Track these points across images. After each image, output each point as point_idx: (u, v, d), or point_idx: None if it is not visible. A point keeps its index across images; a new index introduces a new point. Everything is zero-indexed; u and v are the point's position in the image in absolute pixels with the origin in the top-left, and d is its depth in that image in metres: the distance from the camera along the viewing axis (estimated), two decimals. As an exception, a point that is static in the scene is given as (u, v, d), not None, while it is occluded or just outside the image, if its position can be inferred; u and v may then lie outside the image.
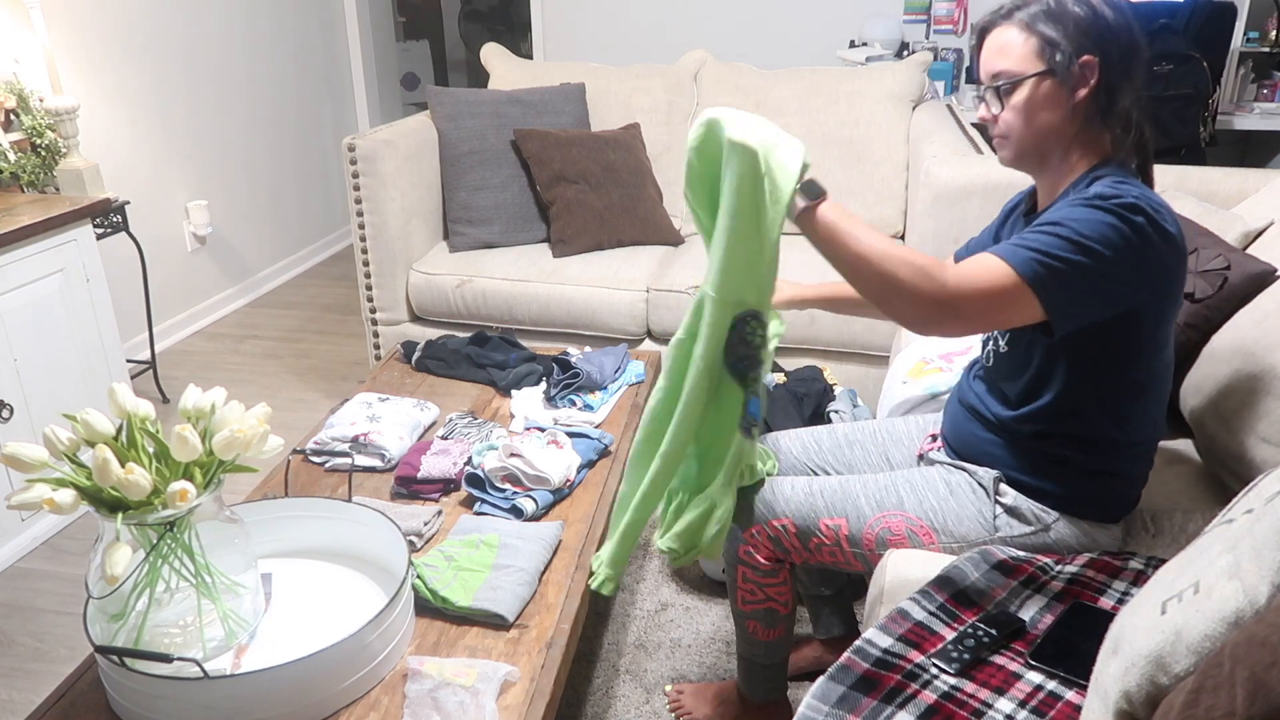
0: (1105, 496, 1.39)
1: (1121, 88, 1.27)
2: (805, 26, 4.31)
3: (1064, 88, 1.27)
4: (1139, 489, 1.42)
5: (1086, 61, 1.25)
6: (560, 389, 1.99)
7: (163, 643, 1.21)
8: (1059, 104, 1.28)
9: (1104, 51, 1.25)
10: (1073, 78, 1.26)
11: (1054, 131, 1.29)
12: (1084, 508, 1.39)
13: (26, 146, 2.68)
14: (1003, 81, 1.30)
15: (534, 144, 2.85)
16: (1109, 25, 1.25)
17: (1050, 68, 1.26)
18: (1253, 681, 0.69)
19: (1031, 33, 1.27)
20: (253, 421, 1.22)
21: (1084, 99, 1.27)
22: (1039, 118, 1.29)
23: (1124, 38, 1.26)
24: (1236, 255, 1.67)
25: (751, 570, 1.54)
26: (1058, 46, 1.25)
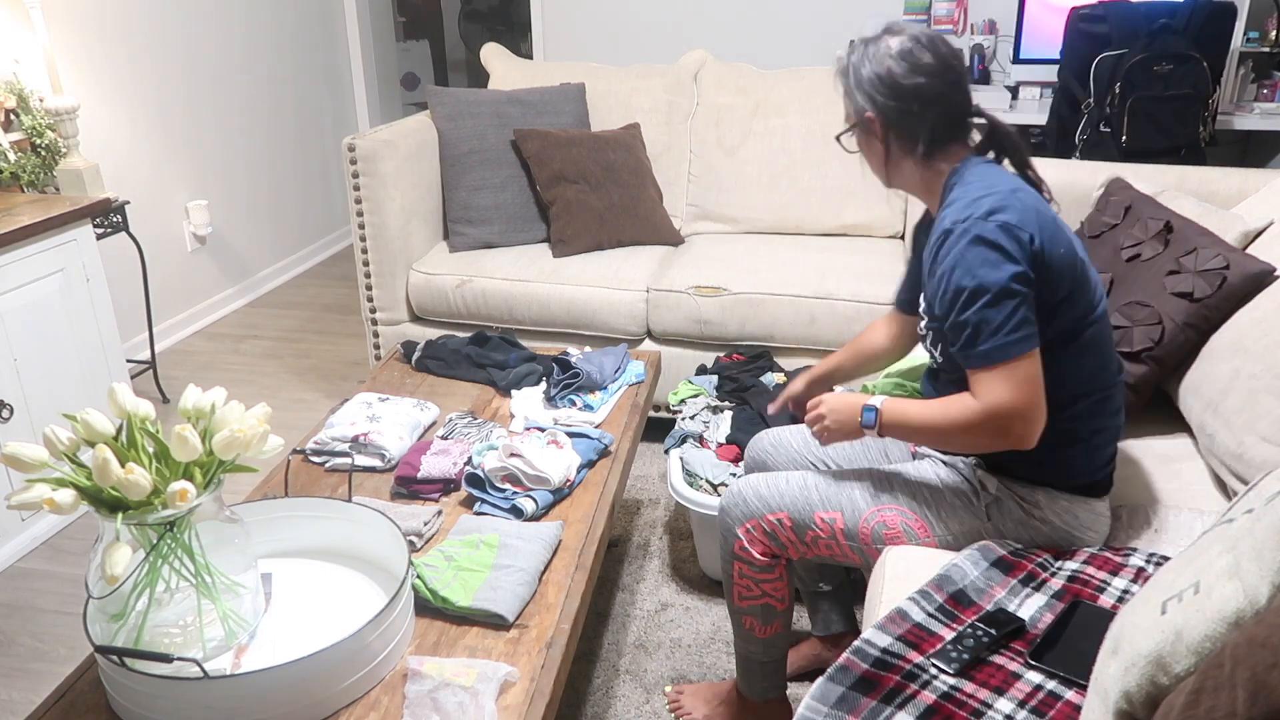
0: (1069, 462, 1.40)
1: (909, 129, 1.40)
2: (805, 26, 4.31)
3: (867, 138, 1.45)
4: (1104, 455, 1.43)
5: (868, 119, 1.42)
6: (560, 389, 1.99)
7: (163, 643, 1.21)
8: (869, 149, 1.47)
9: (879, 105, 1.40)
10: (868, 129, 1.44)
11: (888, 168, 1.46)
12: (1054, 476, 1.40)
13: (26, 146, 2.68)
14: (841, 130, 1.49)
15: (534, 144, 2.85)
16: (884, 80, 1.39)
17: (855, 122, 1.45)
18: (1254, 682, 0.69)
19: (841, 88, 1.47)
20: (253, 421, 1.22)
21: (885, 143, 1.43)
22: (869, 160, 1.49)
23: (905, 89, 1.38)
24: (1235, 255, 1.68)
25: (747, 566, 1.54)
26: (849, 105, 1.45)
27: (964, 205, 1.32)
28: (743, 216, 3.04)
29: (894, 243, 2.91)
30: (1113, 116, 3.23)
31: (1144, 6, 3.25)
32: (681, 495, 1.97)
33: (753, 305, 2.57)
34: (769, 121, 3.02)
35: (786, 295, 2.55)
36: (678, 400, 2.26)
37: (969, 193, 1.34)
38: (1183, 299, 1.68)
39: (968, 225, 1.30)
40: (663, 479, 2.60)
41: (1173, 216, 1.83)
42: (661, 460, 2.67)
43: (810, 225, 2.99)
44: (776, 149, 3.00)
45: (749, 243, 2.91)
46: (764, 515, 1.50)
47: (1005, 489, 1.42)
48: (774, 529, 1.50)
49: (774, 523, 1.50)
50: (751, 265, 2.66)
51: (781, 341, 2.59)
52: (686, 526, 2.36)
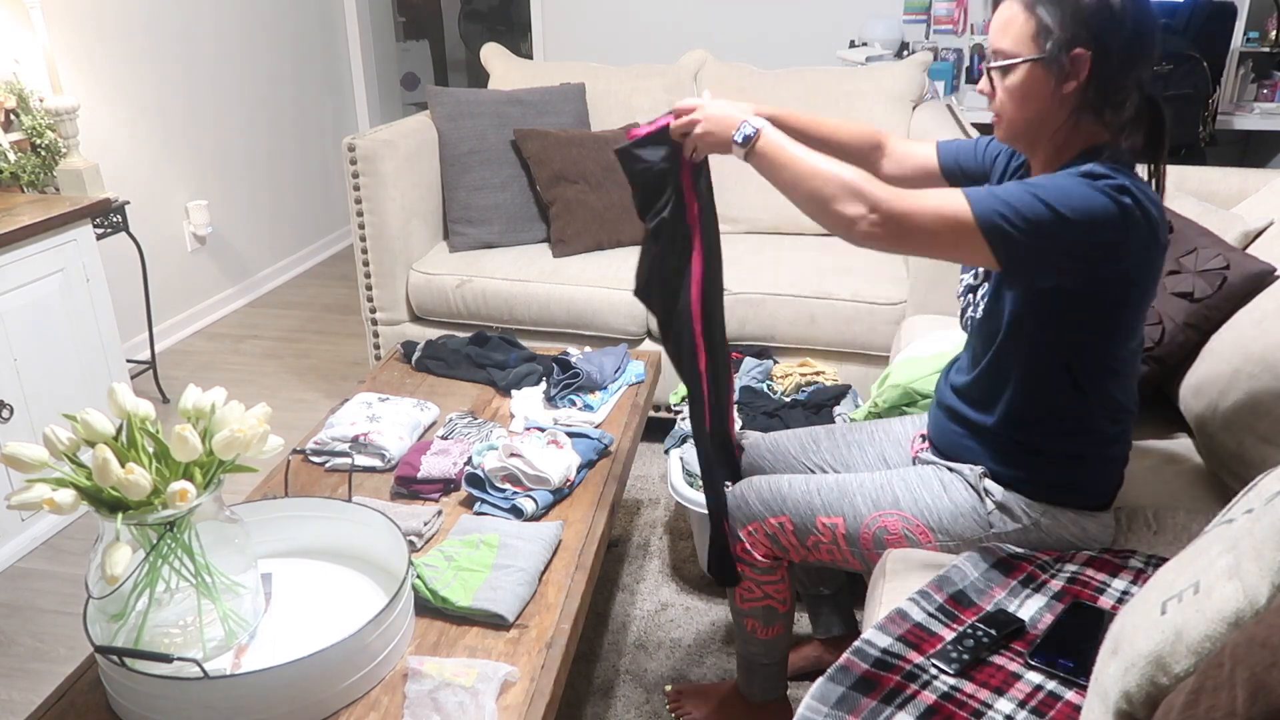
0: (1084, 482, 1.39)
1: (1118, 82, 1.21)
2: (805, 26, 4.31)
3: (1053, 78, 1.22)
4: (1117, 473, 1.42)
5: (1078, 55, 1.20)
6: (560, 389, 1.99)
7: (163, 643, 1.21)
8: (1047, 94, 1.23)
9: (1099, 44, 1.19)
10: (1062, 69, 1.21)
11: (1043, 119, 1.26)
12: (1066, 496, 1.39)
13: (26, 146, 2.68)
14: (998, 61, 1.26)
15: (534, 144, 2.85)
16: (1112, 15, 1.18)
17: (1041, 55, 1.22)
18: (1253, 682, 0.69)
19: (1032, 14, 1.22)
20: (253, 421, 1.22)
21: (1072, 92, 1.22)
22: (1029, 104, 1.25)
23: (1129, 30, 1.19)
24: (1236, 255, 1.68)
25: (750, 568, 1.54)
26: (1051, 34, 1.20)
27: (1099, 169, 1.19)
28: (743, 216, 3.04)
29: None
30: (1113, 116, 3.23)
31: (1144, 6, 3.25)
32: (681, 495, 1.97)
33: (753, 305, 2.57)
34: (769, 121, 3.02)
35: (786, 295, 2.55)
36: (678, 400, 2.26)
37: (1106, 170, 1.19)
38: (1183, 299, 1.68)
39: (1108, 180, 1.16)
40: (663, 479, 2.60)
41: (1173, 216, 1.83)
42: (661, 460, 2.66)
43: (810, 225, 2.98)
44: (776, 149, 3.00)
45: (749, 243, 2.91)
46: (766, 519, 1.50)
47: (1011, 496, 1.41)
48: (776, 532, 1.50)
49: (776, 526, 1.50)
50: (751, 265, 2.66)
51: (781, 341, 2.59)
52: (686, 526, 2.36)
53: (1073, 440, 1.36)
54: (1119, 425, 1.38)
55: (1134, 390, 1.38)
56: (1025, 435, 1.37)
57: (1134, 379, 1.37)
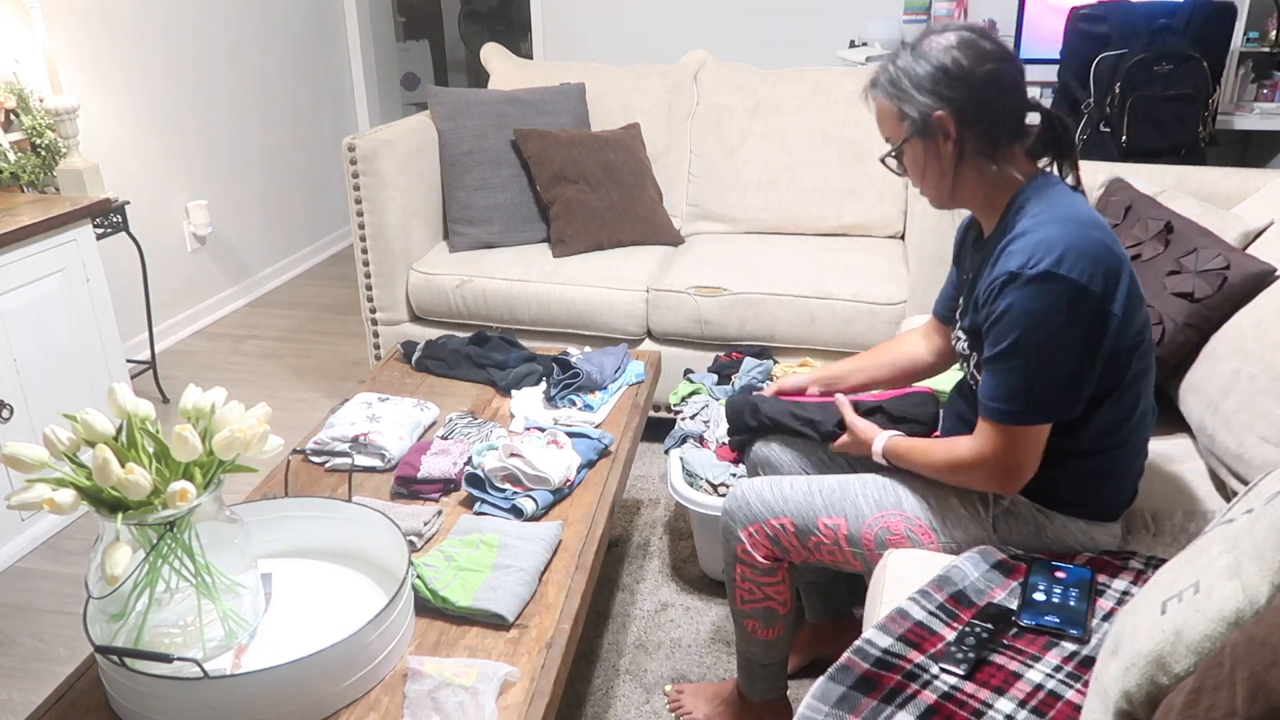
0: (1101, 495, 1.39)
1: (991, 119, 1.31)
2: (805, 26, 4.31)
3: (930, 144, 1.33)
4: (1134, 484, 1.42)
5: (939, 118, 1.30)
6: (560, 389, 1.99)
7: (163, 643, 1.21)
8: (933, 158, 1.34)
9: (950, 101, 1.30)
10: (934, 136, 1.32)
11: (949, 181, 1.35)
12: (1081, 508, 1.39)
13: (26, 146, 2.68)
14: (888, 149, 1.39)
15: (534, 144, 2.85)
16: (947, 72, 1.29)
17: (912, 131, 1.33)
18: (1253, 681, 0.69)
19: (888, 99, 1.35)
20: (253, 421, 1.22)
21: (953, 149, 1.32)
22: (929, 174, 1.36)
23: (976, 77, 1.29)
24: (1236, 255, 1.67)
25: (750, 569, 1.54)
26: (908, 112, 1.32)
27: (1034, 245, 1.24)
28: (743, 216, 3.04)
29: (894, 243, 2.91)
30: (1112, 116, 3.23)
31: (1144, 6, 3.25)
32: (681, 495, 1.97)
33: (753, 305, 2.57)
34: (769, 121, 3.02)
35: (786, 295, 2.55)
36: (678, 400, 2.26)
37: (1040, 227, 1.26)
38: (1183, 299, 1.68)
39: (1037, 273, 1.23)
40: (663, 479, 2.60)
41: (1173, 216, 1.83)
42: (661, 460, 2.66)
43: (810, 225, 2.99)
44: (776, 149, 3.00)
45: (749, 243, 2.91)
46: (767, 520, 1.50)
47: (1022, 501, 1.41)
48: (777, 533, 1.50)
49: (777, 527, 1.50)
50: (751, 265, 2.66)
51: (781, 341, 2.59)
52: (686, 526, 2.36)
53: (1094, 456, 1.36)
54: (1140, 439, 1.38)
55: (1150, 398, 1.38)
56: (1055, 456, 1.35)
57: (1149, 389, 1.37)
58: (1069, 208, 1.29)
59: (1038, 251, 1.24)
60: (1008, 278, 1.26)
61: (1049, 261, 1.23)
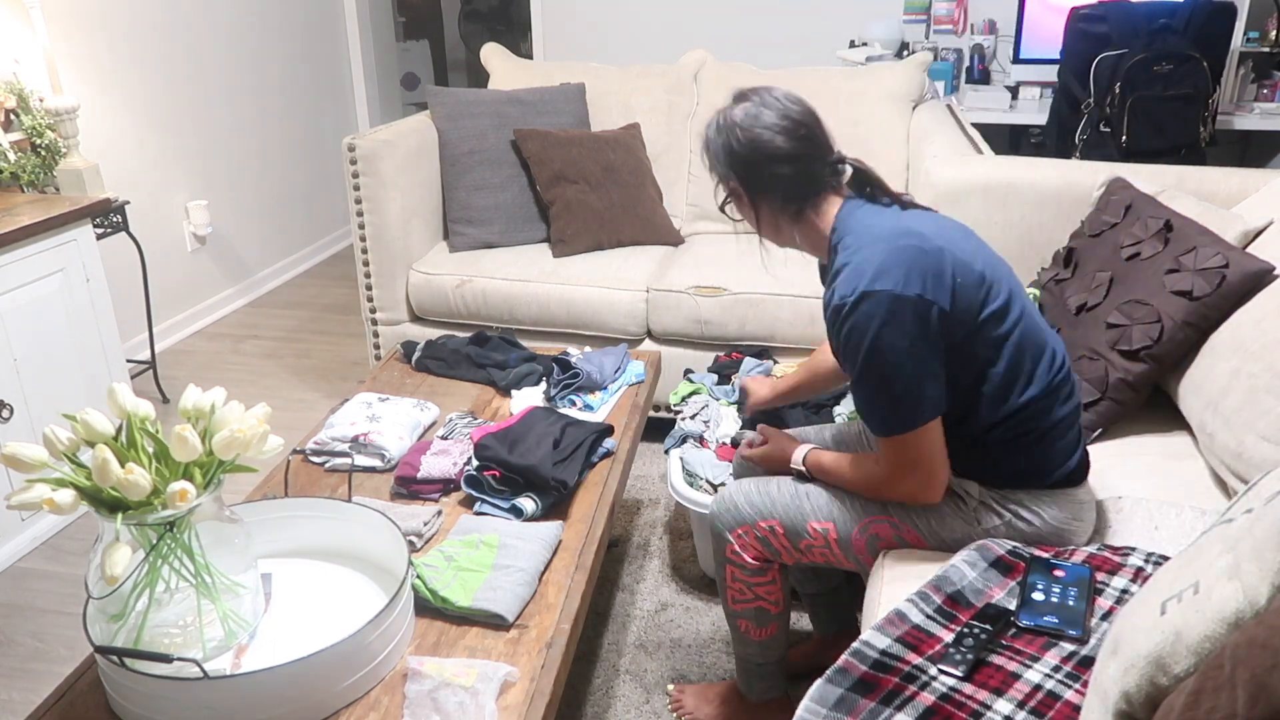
0: (1038, 458, 1.40)
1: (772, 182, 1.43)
2: (805, 26, 4.31)
3: (740, 205, 1.50)
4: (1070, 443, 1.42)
5: (732, 187, 1.48)
6: (560, 389, 1.99)
7: (163, 643, 1.21)
8: (747, 214, 1.51)
9: (735, 173, 1.46)
10: (740, 198, 1.49)
11: (765, 230, 1.50)
12: (1032, 477, 1.40)
13: (26, 146, 2.68)
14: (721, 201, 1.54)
15: (534, 144, 2.85)
16: (733, 151, 1.44)
17: (727, 197, 1.51)
18: (1254, 684, 0.69)
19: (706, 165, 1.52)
20: (253, 421, 1.22)
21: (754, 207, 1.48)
22: (757, 226, 1.51)
23: (750, 155, 1.43)
24: (1235, 253, 1.67)
25: (739, 570, 1.55)
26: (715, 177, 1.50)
27: (848, 275, 1.34)
28: (743, 216, 3.04)
29: (894, 243, 2.91)
30: (1112, 116, 3.23)
31: (1144, 6, 3.25)
32: (681, 495, 1.97)
33: (753, 305, 2.57)
34: (769, 121, 3.02)
35: (786, 295, 2.55)
36: (678, 400, 2.26)
37: (853, 256, 1.35)
38: (1182, 297, 1.68)
39: (855, 298, 1.31)
40: (663, 479, 2.60)
41: (1173, 216, 1.83)
42: (661, 460, 2.66)
43: (810, 225, 2.98)
44: (776, 149, 3.00)
45: (749, 243, 2.90)
46: (756, 522, 1.51)
47: (986, 494, 1.42)
48: (766, 536, 1.50)
49: (766, 530, 1.50)
50: (752, 265, 2.66)
51: (781, 341, 2.59)
52: (686, 526, 2.36)
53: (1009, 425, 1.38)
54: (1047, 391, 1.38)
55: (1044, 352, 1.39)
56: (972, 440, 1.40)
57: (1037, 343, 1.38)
58: (876, 227, 1.37)
59: (851, 279, 1.33)
60: (834, 311, 1.36)
61: (863, 284, 1.31)
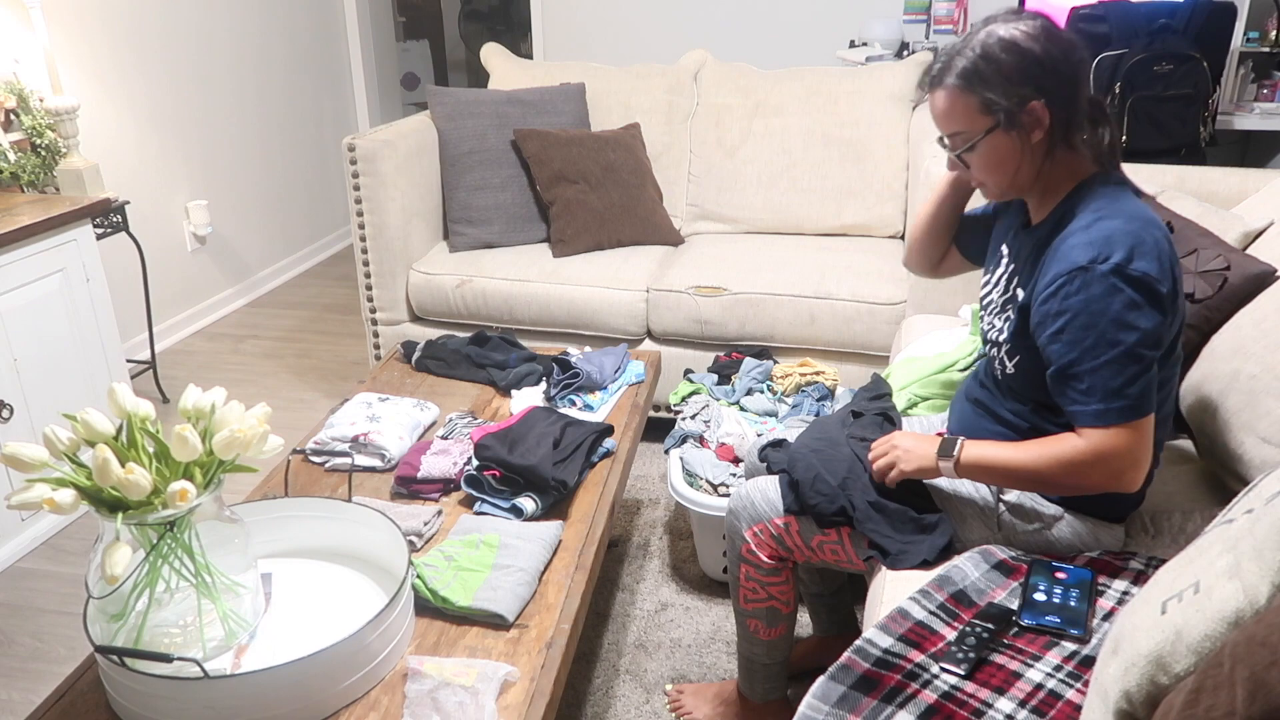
0: (1113, 494, 1.39)
1: (1074, 113, 1.28)
2: (805, 26, 4.31)
3: (1018, 136, 1.28)
4: (1146, 487, 1.42)
5: (1033, 108, 1.26)
6: (560, 389, 1.99)
7: (163, 643, 1.21)
8: (1017, 150, 1.30)
9: (1045, 90, 1.26)
10: (1023, 125, 1.27)
11: (1023, 172, 1.32)
12: (1089, 505, 1.39)
13: (26, 146, 2.68)
14: (959, 145, 1.33)
15: (534, 144, 2.85)
16: (1040, 61, 1.25)
17: (996, 123, 1.28)
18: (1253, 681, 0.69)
19: (969, 91, 1.28)
20: (253, 421, 1.22)
21: (1042, 139, 1.29)
22: (1005, 167, 1.32)
23: (1062, 66, 1.25)
24: (1236, 255, 1.67)
25: (754, 569, 1.54)
26: (997, 102, 1.26)
27: (1099, 239, 1.22)
28: (743, 216, 3.04)
29: (894, 242, 2.91)
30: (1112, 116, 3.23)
31: (1144, 6, 3.25)
32: (681, 495, 1.97)
33: (753, 305, 2.57)
34: (769, 121, 3.02)
35: (786, 295, 2.55)
36: (678, 400, 2.26)
37: (1103, 222, 1.23)
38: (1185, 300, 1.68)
39: (1106, 268, 1.20)
40: (663, 479, 2.60)
41: (1173, 217, 1.82)
42: (661, 460, 2.66)
43: (810, 225, 2.99)
44: (776, 149, 3.00)
45: (749, 243, 2.91)
46: (771, 519, 1.50)
47: (1029, 498, 1.40)
48: (781, 533, 1.50)
49: (781, 526, 1.50)
50: (751, 265, 2.66)
51: (781, 341, 2.59)
52: (686, 526, 2.36)
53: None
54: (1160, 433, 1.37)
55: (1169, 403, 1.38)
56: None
57: (1171, 393, 1.38)
58: (1131, 204, 1.27)
59: (1103, 245, 1.21)
60: (1074, 272, 1.22)
61: (1119, 256, 1.20)
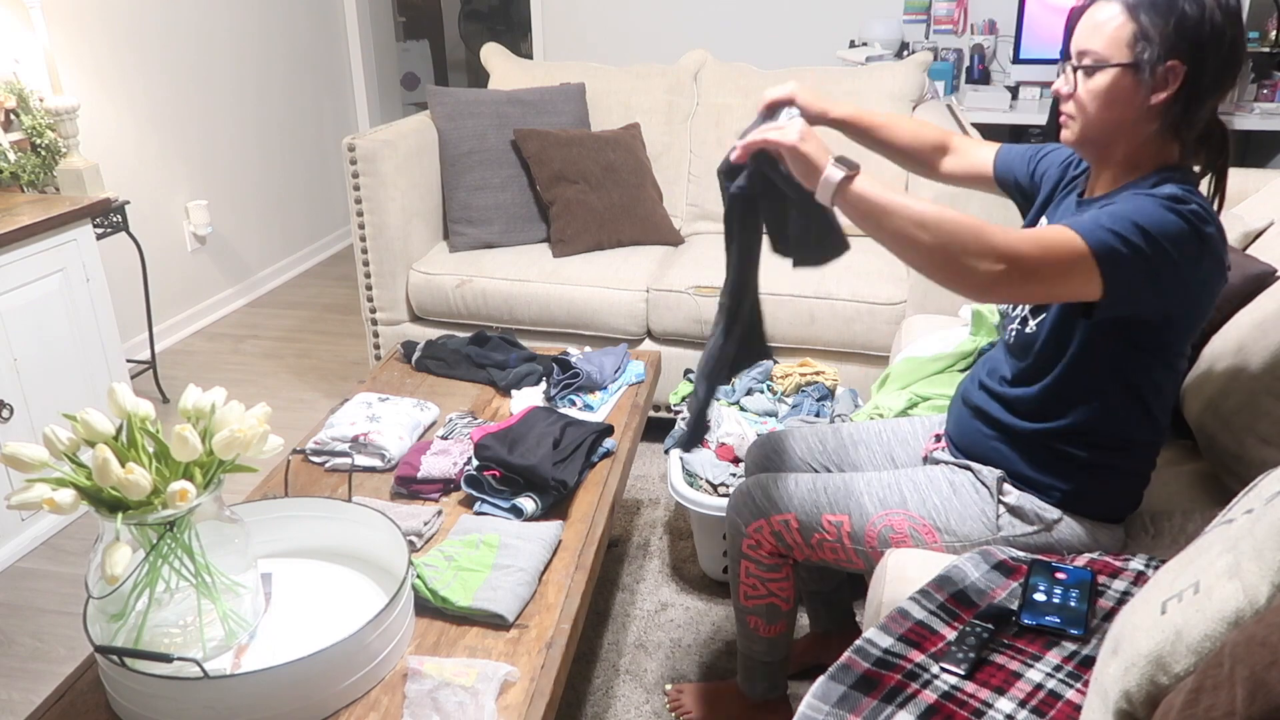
0: (1110, 495, 1.39)
1: (1204, 100, 1.19)
2: (805, 26, 4.31)
3: (1143, 87, 1.19)
4: (1143, 488, 1.42)
5: (1172, 67, 1.17)
6: (560, 389, 1.99)
7: (163, 643, 1.21)
8: (1134, 102, 1.20)
9: (1196, 60, 1.16)
10: (1153, 79, 1.18)
11: (1123, 127, 1.23)
12: (1089, 506, 1.39)
13: (26, 146, 2.68)
14: (1085, 62, 1.22)
15: (534, 144, 2.85)
16: (1213, 31, 1.15)
17: (1135, 62, 1.18)
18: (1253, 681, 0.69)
19: (1132, 18, 1.18)
20: (253, 421, 1.22)
21: (1160, 104, 1.20)
22: (1112, 110, 1.22)
23: (1226, 49, 1.16)
24: (1236, 256, 1.67)
25: (755, 565, 1.55)
26: (1150, 42, 1.16)
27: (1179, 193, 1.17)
28: (743, 216, 3.04)
29: (894, 243, 2.91)
30: (1113, 116, 3.23)
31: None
32: (681, 495, 1.97)
33: (753, 305, 2.56)
34: (769, 121, 3.02)
35: (786, 295, 2.55)
36: (678, 400, 2.26)
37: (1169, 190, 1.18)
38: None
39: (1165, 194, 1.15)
40: (663, 479, 2.60)
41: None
42: (661, 460, 2.66)
43: (810, 225, 2.98)
44: (776, 149, 3.00)
45: (749, 243, 2.90)
46: (771, 515, 1.50)
47: (1029, 499, 1.40)
48: (781, 530, 1.50)
49: (781, 523, 1.50)
50: (751, 265, 2.66)
51: (781, 341, 2.59)
52: (686, 526, 2.36)
53: (1113, 453, 1.36)
54: (1155, 441, 1.38)
55: (1170, 407, 1.38)
56: (1067, 445, 1.35)
57: (1174, 396, 1.38)
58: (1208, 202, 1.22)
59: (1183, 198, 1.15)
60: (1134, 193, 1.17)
61: (1193, 207, 1.14)
